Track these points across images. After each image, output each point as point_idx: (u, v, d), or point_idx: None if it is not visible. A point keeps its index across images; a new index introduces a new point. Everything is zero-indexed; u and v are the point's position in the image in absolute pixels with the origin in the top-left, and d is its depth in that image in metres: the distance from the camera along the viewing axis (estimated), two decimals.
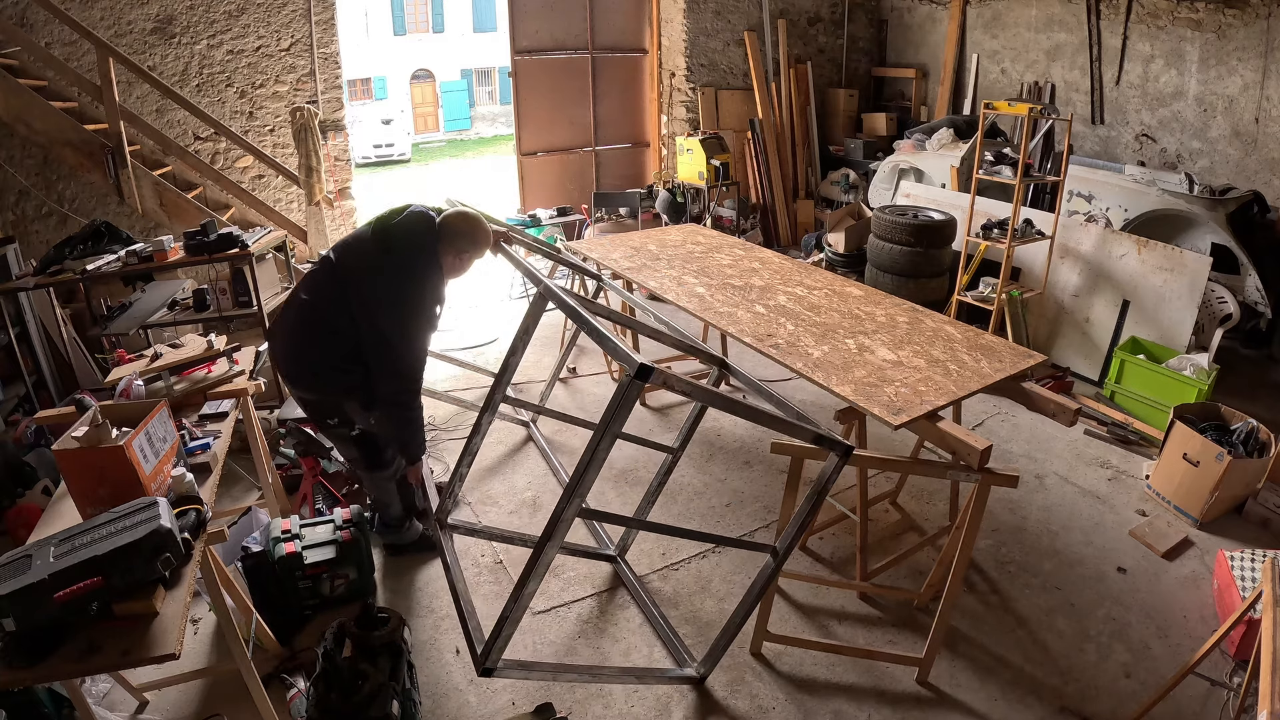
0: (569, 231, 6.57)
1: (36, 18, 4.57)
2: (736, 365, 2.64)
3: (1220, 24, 5.13)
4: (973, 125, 6.01)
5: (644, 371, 1.66)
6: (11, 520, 2.88)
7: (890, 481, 3.40)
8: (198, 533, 1.86)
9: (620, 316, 2.86)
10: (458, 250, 2.52)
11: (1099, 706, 2.32)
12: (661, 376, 1.70)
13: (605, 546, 2.98)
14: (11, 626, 1.53)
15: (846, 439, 2.63)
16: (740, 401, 2.00)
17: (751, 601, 2.27)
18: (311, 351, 2.55)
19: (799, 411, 2.24)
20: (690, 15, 6.77)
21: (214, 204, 5.22)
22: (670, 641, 2.53)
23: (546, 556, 1.83)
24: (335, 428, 2.70)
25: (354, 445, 2.75)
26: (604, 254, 3.96)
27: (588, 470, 1.76)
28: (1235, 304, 4.36)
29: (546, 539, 1.81)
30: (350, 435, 2.71)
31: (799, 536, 2.21)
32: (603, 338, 1.90)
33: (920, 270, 4.84)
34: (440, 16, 21.81)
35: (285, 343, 2.62)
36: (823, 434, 2.07)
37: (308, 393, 2.66)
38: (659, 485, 2.86)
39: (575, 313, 2.05)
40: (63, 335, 4.04)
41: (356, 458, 2.80)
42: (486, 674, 1.93)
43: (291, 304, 2.66)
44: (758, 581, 2.25)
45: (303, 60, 5.42)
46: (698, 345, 2.76)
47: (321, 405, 2.67)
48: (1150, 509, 3.31)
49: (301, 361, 2.59)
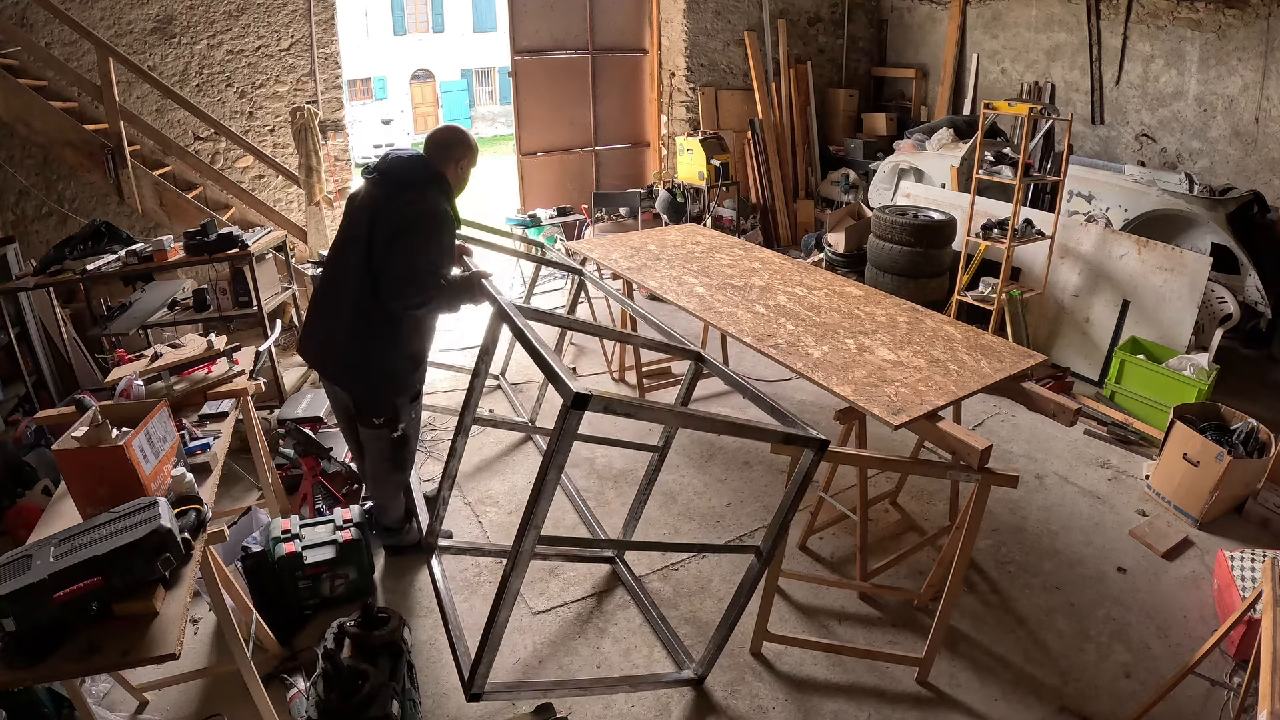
0: (569, 231, 6.57)
1: (36, 18, 4.57)
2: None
3: (1220, 24, 5.13)
4: (973, 125, 6.01)
5: (580, 400, 1.57)
6: (11, 520, 2.88)
7: (890, 481, 3.40)
8: (198, 533, 1.86)
9: (584, 325, 2.84)
10: (455, 159, 2.52)
11: (1099, 706, 2.32)
12: (602, 402, 1.61)
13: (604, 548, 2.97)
14: (11, 626, 1.53)
15: (846, 439, 2.64)
16: (694, 414, 1.93)
17: (741, 602, 2.25)
18: (371, 349, 2.51)
19: (774, 405, 2.19)
20: (690, 15, 6.76)
21: (214, 204, 5.22)
22: (669, 642, 2.53)
23: (512, 587, 1.79)
24: (380, 427, 2.62)
25: (390, 445, 2.68)
26: (604, 254, 3.96)
27: (538, 502, 1.69)
28: (1235, 304, 4.36)
29: (510, 570, 1.77)
30: (392, 436, 2.64)
31: (782, 536, 2.17)
32: (542, 361, 1.79)
33: (920, 270, 4.84)
34: (440, 16, 21.79)
35: (342, 349, 2.55)
36: (792, 433, 2.02)
37: (369, 392, 2.59)
38: (648, 485, 2.84)
39: (520, 333, 1.96)
40: (63, 335, 4.04)
41: (390, 457, 2.72)
42: (475, 699, 1.92)
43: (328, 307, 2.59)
44: (744, 583, 2.25)
45: (303, 60, 5.42)
46: (671, 341, 2.72)
47: (378, 404, 2.60)
48: (1150, 509, 3.31)
49: (365, 361, 2.53)
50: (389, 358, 2.54)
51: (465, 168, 2.57)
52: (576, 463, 3.58)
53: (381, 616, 2.21)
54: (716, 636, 2.31)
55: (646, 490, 2.86)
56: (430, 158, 2.51)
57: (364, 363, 2.53)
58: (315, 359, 2.72)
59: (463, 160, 2.55)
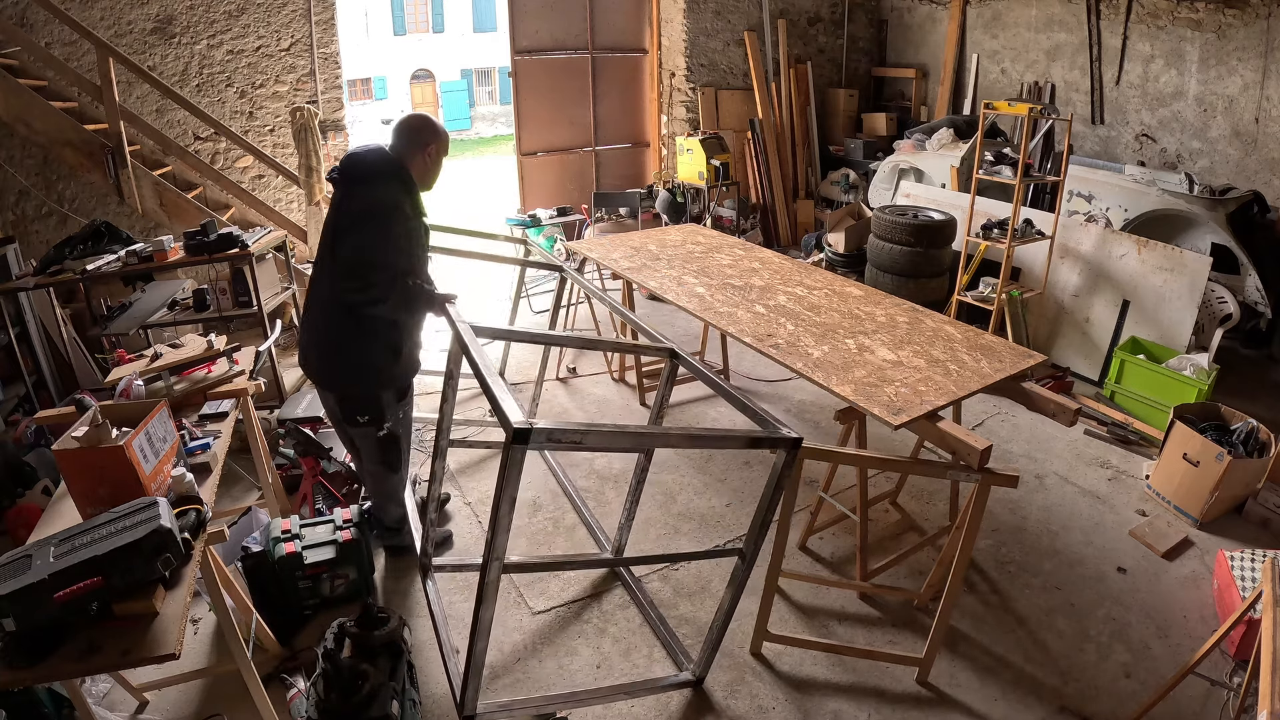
0: (569, 231, 6.57)
1: (36, 18, 4.57)
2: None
3: (1220, 24, 5.13)
4: (973, 125, 6.01)
5: (522, 435, 1.56)
6: (11, 520, 2.88)
7: (890, 481, 3.40)
8: (198, 533, 1.86)
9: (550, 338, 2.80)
10: (421, 145, 2.47)
11: (1099, 706, 2.32)
12: (544, 434, 1.60)
13: (604, 550, 2.97)
14: (11, 626, 1.53)
15: (846, 439, 2.64)
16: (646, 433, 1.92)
17: (727, 605, 2.24)
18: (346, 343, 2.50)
19: (746, 403, 2.18)
20: (690, 15, 6.76)
21: (214, 204, 5.22)
22: (669, 643, 2.52)
23: (484, 618, 1.80)
24: (365, 425, 2.59)
25: (379, 445, 2.66)
26: (604, 254, 3.96)
27: (495, 536, 1.70)
28: (1235, 304, 4.36)
29: (479, 603, 1.78)
30: (378, 435, 2.62)
31: (762, 537, 2.16)
32: (490, 393, 1.77)
33: (920, 270, 4.84)
34: (440, 16, 21.81)
35: (318, 347, 2.56)
36: (758, 436, 2.02)
37: (348, 387, 2.58)
38: (638, 486, 2.77)
39: (472, 360, 1.97)
40: (63, 335, 4.03)
41: (381, 459, 2.71)
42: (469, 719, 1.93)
43: (311, 311, 2.60)
44: (731, 584, 2.24)
45: (303, 60, 5.42)
46: (644, 341, 2.70)
47: (360, 400, 2.59)
48: (1150, 509, 3.31)
49: (341, 356, 2.52)
50: (365, 351, 2.50)
51: (435, 155, 2.52)
52: (576, 463, 3.57)
53: (381, 616, 2.21)
54: (710, 637, 2.31)
55: (637, 491, 2.80)
56: (395, 149, 2.48)
57: (339, 358, 2.52)
58: (303, 362, 2.68)
59: (431, 146, 2.49)
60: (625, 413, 4.15)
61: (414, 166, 2.48)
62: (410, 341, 2.64)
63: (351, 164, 2.47)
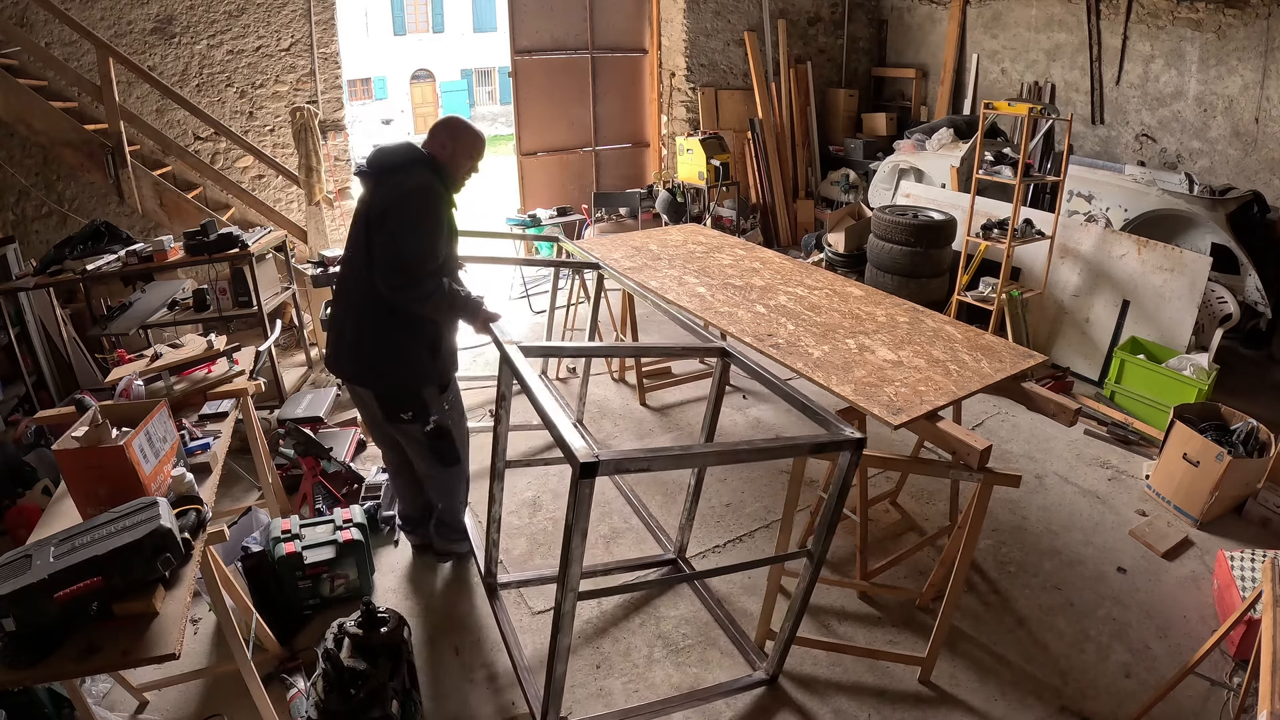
0: (569, 232, 6.56)
1: (36, 18, 4.57)
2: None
3: (1220, 24, 5.13)
4: (973, 125, 6.01)
5: (589, 469, 1.51)
6: (11, 520, 2.88)
7: (890, 481, 3.40)
8: (198, 533, 1.86)
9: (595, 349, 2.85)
10: (453, 140, 2.45)
11: (1099, 706, 2.32)
12: (613, 465, 1.56)
13: (666, 551, 2.98)
14: (11, 626, 1.53)
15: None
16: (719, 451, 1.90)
17: (799, 604, 2.24)
18: (382, 338, 2.45)
19: (806, 402, 2.16)
20: (690, 15, 6.76)
21: (214, 204, 5.22)
22: (738, 641, 2.54)
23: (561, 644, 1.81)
24: (410, 422, 2.53)
25: (428, 441, 2.58)
26: (604, 254, 3.96)
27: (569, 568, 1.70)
28: (1235, 304, 4.36)
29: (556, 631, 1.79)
30: (425, 430, 2.55)
31: (830, 537, 2.15)
32: (548, 420, 1.75)
33: (920, 270, 4.84)
34: (440, 16, 21.79)
35: (353, 346, 2.50)
36: (823, 442, 2.00)
37: (387, 384, 2.52)
38: (696, 490, 2.79)
39: (532, 396, 1.91)
40: (63, 335, 4.04)
41: (431, 456, 2.64)
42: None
43: (341, 308, 2.57)
44: (800, 586, 2.24)
45: (303, 60, 5.42)
46: (694, 342, 2.71)
47: (400, 396, 2.52)
48: (1150, 509, 3.31)
49: (378, 353, 2.46)
50: (402, 347, 2.45)
51: (462, 151, 2.47)
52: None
53: (381, 616, 2.21)
54: (781, 640, 2.31)
55: (695, 497, 2.81)
56: (427, 144, 2.47)
57: (376, 355, 2.45)
58: (334, 364, 2.61)
59: (462, 142, 2.46)
60: (625, 413, 4.14)
61: (445, 161, 2.46)
62: (448, 340, 2.59)
63: (381, 155, 2.44)
